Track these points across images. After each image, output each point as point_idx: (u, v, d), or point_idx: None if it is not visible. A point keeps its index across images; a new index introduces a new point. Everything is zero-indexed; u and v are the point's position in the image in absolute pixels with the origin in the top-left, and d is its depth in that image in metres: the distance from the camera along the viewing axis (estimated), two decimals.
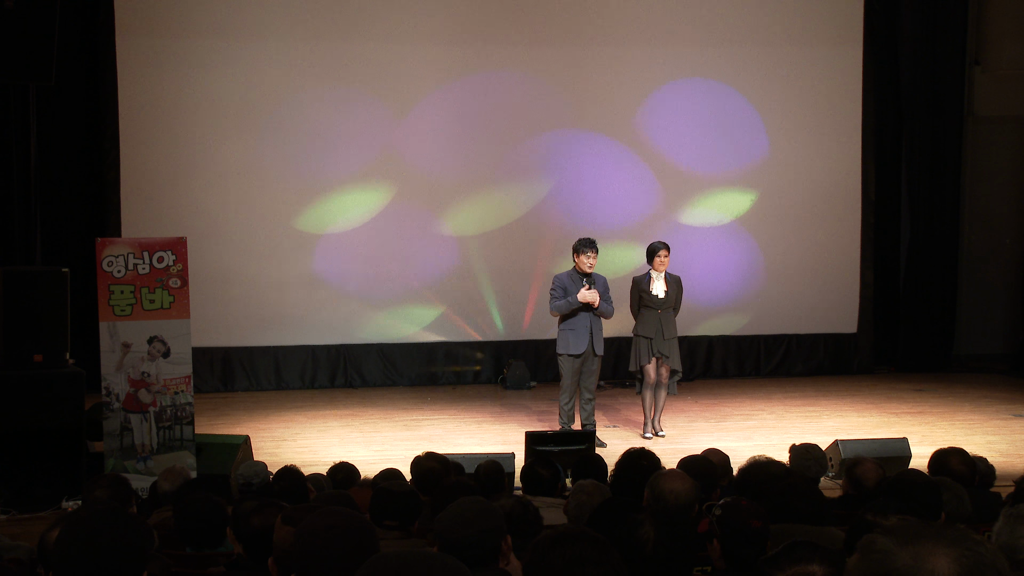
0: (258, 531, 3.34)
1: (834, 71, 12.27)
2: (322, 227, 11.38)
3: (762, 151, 12.13)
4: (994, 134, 13.21)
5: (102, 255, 6.85)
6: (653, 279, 8.81)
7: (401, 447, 8.26)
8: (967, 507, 4.27)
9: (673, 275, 8.89)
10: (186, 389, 6.96)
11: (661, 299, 8.76)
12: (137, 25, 10.92)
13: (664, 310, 8.78)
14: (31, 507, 6.65)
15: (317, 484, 5.44)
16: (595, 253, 8.40)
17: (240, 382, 11.35)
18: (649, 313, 8.78)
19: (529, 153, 11.68)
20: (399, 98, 11.44)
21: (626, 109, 11.83)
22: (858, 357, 12.53)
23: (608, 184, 11.80)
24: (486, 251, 11.67)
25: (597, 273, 8.47)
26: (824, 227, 12.30)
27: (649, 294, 8.77)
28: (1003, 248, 13.35)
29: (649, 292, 8.77)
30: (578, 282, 8.40)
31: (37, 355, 6.88)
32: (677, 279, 8.91)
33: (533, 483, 5.20)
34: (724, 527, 3.17)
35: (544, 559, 2.28)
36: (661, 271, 8.80)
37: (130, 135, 10.94)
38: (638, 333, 8.86)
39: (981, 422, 9.57)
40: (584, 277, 8.40)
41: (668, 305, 8.80)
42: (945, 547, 1.53)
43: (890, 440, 7.60)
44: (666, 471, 4.12)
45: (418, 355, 11.72)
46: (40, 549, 3.39)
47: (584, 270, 8.39)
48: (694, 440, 8.66)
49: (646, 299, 8.78)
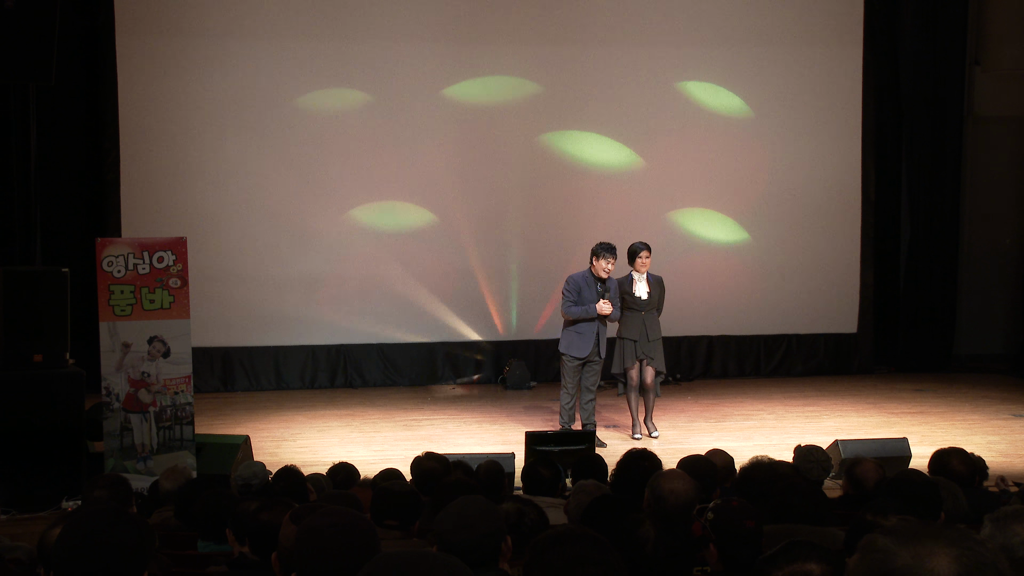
0: (267, 527, 3.34)
1: (834, 71, 12.27)
2: (322, 227, 11.38)
3: (762, 151, 12.12)
4: (994, 134, 13.21)
5: (102, 255, 6.85)
6: (635, 280, 8.71)
7: (401, 447, 8.26)
8: (963, 506, 4.27)
9: (655, 276, 8.81)
10: (186, 389, 6.96)
11: (644, 300, 8.68)
12: (137, 25, 10.93)
13: (647, 312, 8.71)
14: (31, 507, 6.65)
15: (317, 484, 5.43)
16: (614, 259, 8.33)
17: (240, 382, 11.35)
18: (632, 315, 8.69)
19: (529, 153, 11.68)
20: (399, 98, 11.43)
21: (626, 109, 11.83)
22: (858, 357, 12.53)
23: (608, 184, 11.80)
24: (486, 251, 11.66)
25: (609, 277, 8.44)
26: (824, 227, 12.30)
27: (632, 296, 8.67)
28: (1003, 248, 13.34)
29: (632, 294, 8.67)
30: (593, 285, 8.36)
31: (37, 355, 6.88)
32: (659, 279, 8.84)
33: (534, 483, 5.20)
34: (718, 530, 3.17)
35: (543, 558, 2.27)
36: (643, 272, 8.70)
37: (130, 135, 10.95)
38: (622, 335, 8.77)
39: (981, 422, 9.57)
40: (600, 282, 8.36)
41: (651, 306, 8.73)
42: (945, 547, 1.53)
43: (890, 440, 7.59)
44: (666, 471, 4.12)
45: (418, 355, 11.72)
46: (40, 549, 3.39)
47: (601, 275, 8.35)
48: (694, 440, 8.65)
49: (629, 301, 8.67)
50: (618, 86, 11.80)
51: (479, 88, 11.60)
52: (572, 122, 11.74)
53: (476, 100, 11.60)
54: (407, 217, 11.52)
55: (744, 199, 12.12)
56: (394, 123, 11.44)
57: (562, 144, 11.74)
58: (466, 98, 11.58)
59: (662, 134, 11.92)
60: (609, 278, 8.39)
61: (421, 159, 11.48)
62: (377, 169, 11.45)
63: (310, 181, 11.36)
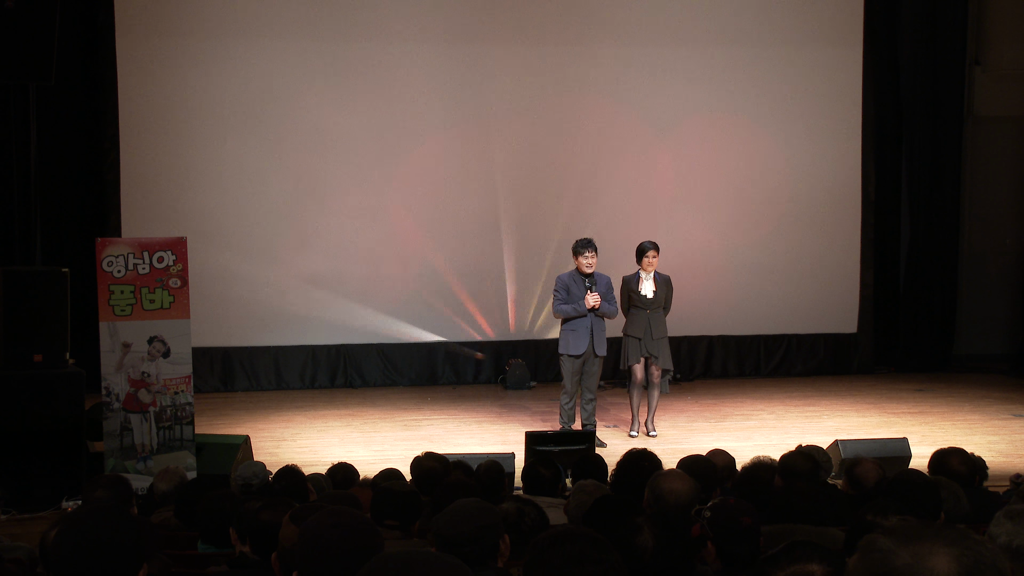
0: (268, 526, 3.34)
1: (834, 71, 12.27)
2: (322, 227, 11.38)
3: (762, 151, 12.12)
4: (994, 134, 13.21)
5: (102, 255, 6.85)
6: (642, 279, 8.81)
7: (401, 447, 8.25)
8: (964, 506, 4.28)
9: (663, 275, 8.90)
10: (186, 389, 6.96)
11: (650, 299, 8.78)
12: (137, 25, 10.93)
13: (653, 310, 8.80)
14: (31, 507, 6.65)
15: (317, 484, 5.44)
16: (594, 253, 8.40)
17: (240, 382, 11.35)
18: (638, 313, 8.80)
19: (529, 153, 11.67)
20: (399, 98, 11.43)
21: (626, 109, 11.82)
22: (858, 357, 12.53)
23: (608, 183, 11.80)
24: (487, 251, 11.66)
25: (600, 273, 8.47)
26: (824, 227, 12.30)
27: (638, 294, 8.78)
28: (1003, 248, 13.35)
29: (638, 292, 8.78)
30: (580, 283, 8.40)
31: (37, 355, 6.88)
32: (667, 279, 8.92)
33: (534, 483, 5.20)
34: (716, 528, 3.18)
35: (543, 557, 2.28)
36: (650, 271, 8.80)
37: (130, 135, 10.94)
38: (627, 333, 8.89)
39: (981, 422, 9.57)
40: (586, 278, 8.40)
41: (657, 305, 8.81)
42: (945, 547, 1.53)
43: (890, 440, 7.60)
44: (666, 471, 4.12)
45: (418, 355, 11.72)
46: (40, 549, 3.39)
47: (584, 271, 8.40)
48: (694, 440, 8.65)
49: (635, 299, 8.79)
50: (618, 86, 11.80)
51: (479, 88, 11.59)
52: (572, 122, 11.74)
53: (476, 100, 11.59)
54: (407, 217, 11.52)
55: (744, 199, 12.12)
56: (394, 123, 11.44)
57: (562, 144, 11.73)
58: (466, 98, 11.57)
59: (662, 134, 11.92)
60: (598, 273, 8.44)
61: (421, 159, 11.48)
62: (377, 169, 11.45)
63: (310, 181, 11.35)
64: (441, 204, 11.58)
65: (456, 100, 11.56)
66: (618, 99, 11.81)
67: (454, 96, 11.55)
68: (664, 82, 11.91)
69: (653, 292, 8.79)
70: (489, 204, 11.66)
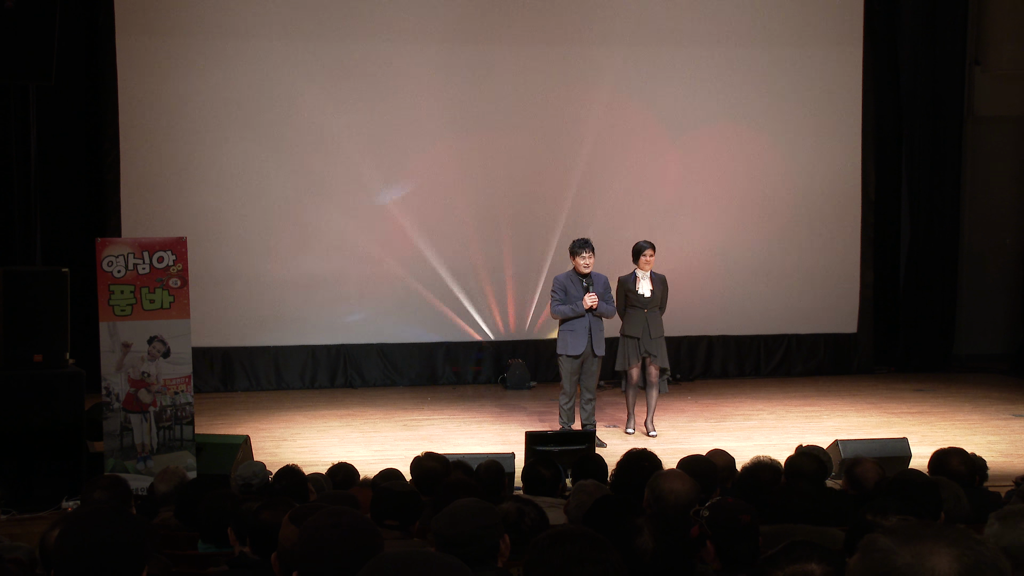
0: (268, 526, 3.34)
1: (834, 71, 12.27)
2: (322, 226, 11.38)
3: (762, 151, 12.12)
4: (994, 134, 13.21)
5: (102, 255, 6.85)
6: (639, 279, 8.85)
7: (401, 447, 8.26)
8: (965, 506, 4.27)
9: (659, 274, 8.94)
10: (186, 389, 6.96)
11: (647, 298, 8.81)
12: (137, 25, 10.93)
13: (650, 309, 8.82)
14: (31, 507, 6.65)
15: (317, 484, 5.44)
16: (591, 253, 8.42)
17: (240, 382, 11.35)
18: (635, 313, 8.82)
19: (529, 153, 11.67)
20: (399, 98, 11.43)
21: (626, 109, 11.82)
22: (858, 357, 12.53)
23: (609, 183, 11.80)
24: (487, 251, 11.66)
25: (597, 272, 8.49)
26: (824, 227, 12.30)
27: (635, 294, 8.81)
28: (1003, 248, 13.34)
29: (635, 292, 8.82)
30: (577, 283, 8.42)
31: (37, 355, 6.87)
32: (662, 278, 8.96)
33: (534, 483, 5.20)
34: (714, 527, 3.18)
35: (543, 557, 2.28)
36: (647, 270, 8.85)
37: (130, 135, 10.95)
38: (625, 333, 8.90)
39: (981, 422, 9.57)
40: (583, 278, 8.41)
41: (654, 304, 8.85)
42: (945, 546, 1.53)
43: (890, 440, 7.60)
44: (666, 471, 4.12)
45: (418, 355, 11.72)
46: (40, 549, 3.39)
47: (581, 271, 8.41)
48: (694, 440, 8.66)
49: (632, 299, 8.82)
50: (618, 86, 11.80)
51: (479, 88, 11.59)
52: (572, 122, 11.74)
53: (476, 100, 11.59)
54: (406, 217, 11.51)
55: (744, 199, 12.11)
56: (394, 123, 11.44)
57: (562, 144, 11.73)
58: (466, 98, 11.57)
59: (663, 134, 11.92)
60: (596, 273, 8.45)
61: (420, 159, 11.48)
62: (376, 169, 11.45)
63: (310, 181, 11.35)
64: (441, 204, 11.58)
65: (456, 100, 11.56)
66: (618, 99, 11.81)
67: (454, 96, 11.55)
68: (664, 82, 11.91)
69: (651, 291, 8.83)
70: (489, 204, 11.65)
